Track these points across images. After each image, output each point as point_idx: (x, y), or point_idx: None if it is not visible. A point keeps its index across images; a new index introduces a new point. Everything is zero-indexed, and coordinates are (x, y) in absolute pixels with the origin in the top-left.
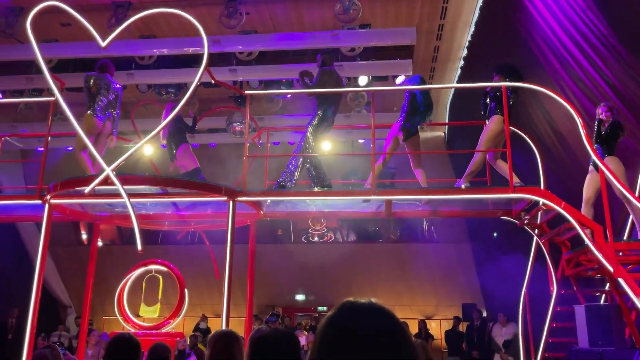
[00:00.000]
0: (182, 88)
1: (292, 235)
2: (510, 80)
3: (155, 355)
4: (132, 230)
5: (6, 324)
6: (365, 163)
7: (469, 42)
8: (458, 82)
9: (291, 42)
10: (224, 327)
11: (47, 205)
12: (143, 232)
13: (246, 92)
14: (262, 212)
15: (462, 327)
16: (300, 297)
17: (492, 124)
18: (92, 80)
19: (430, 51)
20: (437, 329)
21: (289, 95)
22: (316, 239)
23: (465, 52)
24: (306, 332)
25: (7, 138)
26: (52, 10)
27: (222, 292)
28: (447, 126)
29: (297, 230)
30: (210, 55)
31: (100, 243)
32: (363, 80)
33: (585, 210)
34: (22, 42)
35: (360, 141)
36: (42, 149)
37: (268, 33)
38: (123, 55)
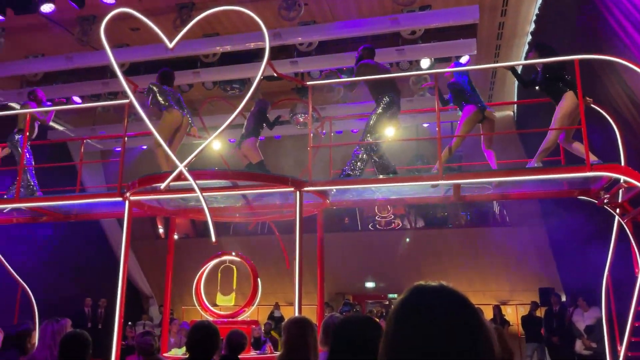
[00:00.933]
0: (246, 83)
1: (359, 223)
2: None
3: (232, 342)
4: (206, 223)
5: (96, 314)
6: (431, 147)
7: (537, 15)
8: (525, 58)
9: (350, 30)
10: (296, 315)
11: (127, 202)
12: (215, 224)
13: (308, 83)
14: (328, 201)
15: (540, 312)
16: (370, 285)
17: (565, 101)
18: (156, 88)
19: (495, 28)
20: (513, 314)
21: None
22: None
23: (532, 26)
24: (377, 320)
25: (88, 140)
26: (123, 17)
27: (294, 280)
28: (515, 105)
29: (364, 218)
30: (271, 49)
31: (176, 236)
32: (425, 63)
33: None
34: (96, 48)
35: (425, 125)
36: (120, 149)
37: (327, 22)
38: (189, 55)
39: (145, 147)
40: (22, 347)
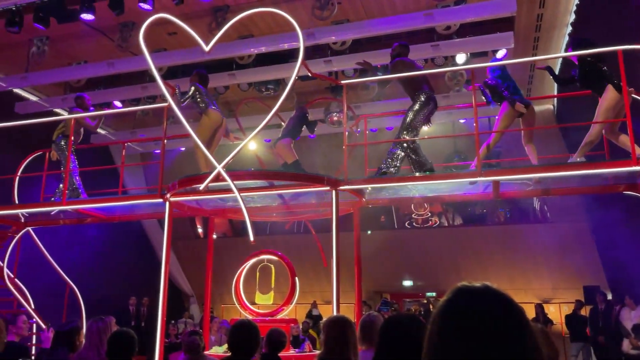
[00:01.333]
0: (280, 83)
1: (395, 221)
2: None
3: (272, 340)
4: (243, 222)
5: (140, 312)
6: (469, 144)
7: (577, 5)
8: (566, 50)
9: (384, 27)
10: (335, 313)
11: (167, 203)
12: (252, 224)
13: (342, 81)
14: (364, 200)
15: (584, 310)
16: (407, 283)
17: (608, 94)
18: (195, 89)
19: (533, 20)
20: (556, 313)
21: None
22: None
23: (572, 17)
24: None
25: (129, 143)
26: (160, 22)
27: (331, 279)
28: (556, 98)
29: (400, 216)
30: (305, 48)
31: (214, 236)
32: (461, 58)
33: None
34: (135, 54)
35: (461, 121)
36: (159, 151)
37: (360, 20)
38: (224, 57)
39: (183, 148)
40: (72, 345)
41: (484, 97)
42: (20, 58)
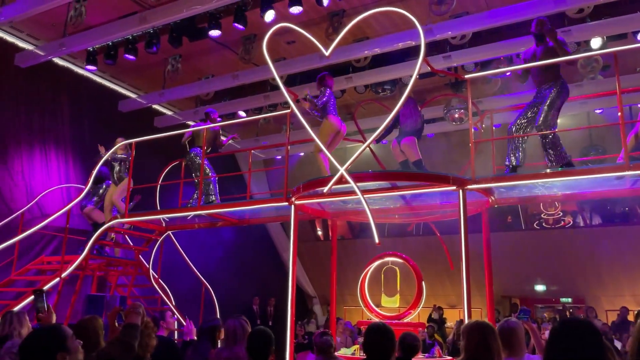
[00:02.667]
0: (396, 83)
1: (522, 221)
2: None
3: (405, 343)
4: (362, 224)
5: (265, 312)
6: (607, 136)
7: None
8: None
9: (507, 17)
10: (465, 318)
11: (292, 206)
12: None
13: (466, 76)
14: (492, 199)
15: None
16: (540, 288)
17: None
18: (328, 91)
19: None
20: None
21: (508, 74)
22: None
23: None
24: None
25: (253, 151)
26: (280, 32)
27: (455, 282)
28: None
29: (528, 216)
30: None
31: None
32: (596, 42)
33: None
34: (257, 65)
35: (598, 111)
36: (279, 157)
37: (481, 12)
38: (341, 62)
39: (302, 153)
40: (213, 340)
41: None
42: (158, 76)
